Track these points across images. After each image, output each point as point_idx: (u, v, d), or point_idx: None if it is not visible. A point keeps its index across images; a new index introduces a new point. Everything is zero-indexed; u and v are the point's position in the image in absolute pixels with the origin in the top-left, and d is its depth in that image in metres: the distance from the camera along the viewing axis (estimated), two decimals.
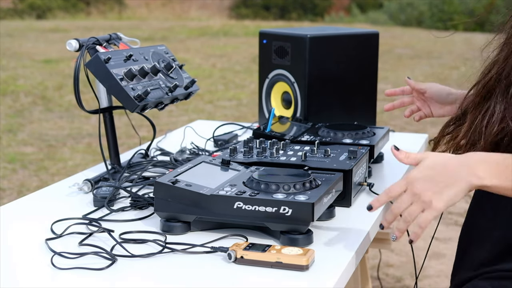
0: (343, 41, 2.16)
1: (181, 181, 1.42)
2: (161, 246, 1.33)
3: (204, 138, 2.21)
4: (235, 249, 1.27)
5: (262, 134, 1.89)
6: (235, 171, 1.53)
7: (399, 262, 3.46)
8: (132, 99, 1.68)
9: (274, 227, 1.35)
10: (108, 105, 1.85)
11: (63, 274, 1.22)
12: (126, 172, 1.79)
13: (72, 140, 6.09)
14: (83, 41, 1.82)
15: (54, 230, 1.42)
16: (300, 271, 1.23)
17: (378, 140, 1.81)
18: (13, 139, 6.09)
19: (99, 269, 1.24)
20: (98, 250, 1.31)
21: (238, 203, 1.35)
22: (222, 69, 9.52)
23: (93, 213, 1.54)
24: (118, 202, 1.62)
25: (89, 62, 1.73)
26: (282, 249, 1.26)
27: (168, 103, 1.83)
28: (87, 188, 1.69)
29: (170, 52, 1.98)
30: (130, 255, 1.29)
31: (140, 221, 1.49)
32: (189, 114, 6.92)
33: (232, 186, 1.41)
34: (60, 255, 1.29)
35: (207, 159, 1.60)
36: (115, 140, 1.87)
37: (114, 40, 1.92)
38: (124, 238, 1.38)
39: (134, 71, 1.74)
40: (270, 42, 2.22)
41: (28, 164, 5.39)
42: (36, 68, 9.36)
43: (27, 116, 6.93)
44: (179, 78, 1.89)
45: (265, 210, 1.33)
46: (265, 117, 2.26)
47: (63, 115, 7.00)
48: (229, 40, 12.30)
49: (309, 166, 1.56)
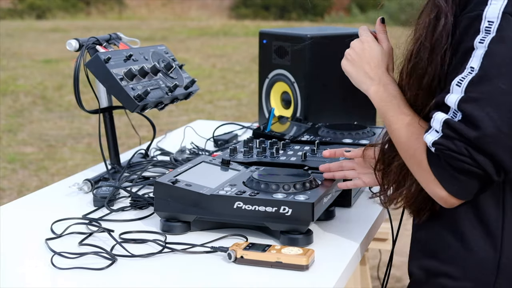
0: (343, 41, 2.16)
1: (181, 181, 1.42)
2: (161, 246, 1.33)
3: (204, 138, 2.20)
4: (235, 249, 1.27)
5: (262, 134, 1.89)
6: (235, 171, 1.53)
7: (399, 262, 3.46)
8: (132, 99, 1.68)
9: (274, 227, 1.35)
10: (108, 105, 1.85)
11: (63, 274, 1.22)
12: (126, 172, 1.79)
13: (72, 140, 6.09)
14: (83, 41, 1.81)
15: (54, 230, 1.42)
16: (300, 271, 1.23)
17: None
18: (13, 139, 6.09)
19: (99, 269, 1.24)
20: (98, 250, 1.31)
21: (238, 203, 1.35)
22: (222, 69, 9.51)
23: (93, 213, 1.54)
24: (118, 202, 1.62)
25: (89, 62, 1.73)
26: (282, 249, 1.26)
27: (168, 103, 1.83)
28: (87, 188, 1.69)
29: (170, 52, 1.98)
30: (130, 255, 1.29)
31: (140, 221, 1.49)
32: (189, 114, 6.92)
33: (232, 186, 1.41)
34: (60, 255, 1.29)
35: (207, 159, 1.60)
36: (115, 140, 1.87)
37: (114, 40, 1.92)
38: (124, 238, 1.38)
39: (134, 71, 1.74)
40: (270, 42, 2.22)
41: (28, 164, 5.40)
42: (36, 68, 9.36)
43: (27, 116, 6.93)
44: (179, 78, 1.89)
45: (265, 210, 1.33)
46: (265, 117, 2.26)
47: (63, 115, 7.00)
48: (229, 40, 12.29)
49: (309, 166, 1.56)
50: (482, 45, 1.09)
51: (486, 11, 1.10)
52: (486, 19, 1.10)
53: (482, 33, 1.10)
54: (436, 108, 1.14)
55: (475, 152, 1.07)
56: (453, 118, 1.10)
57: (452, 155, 1.09)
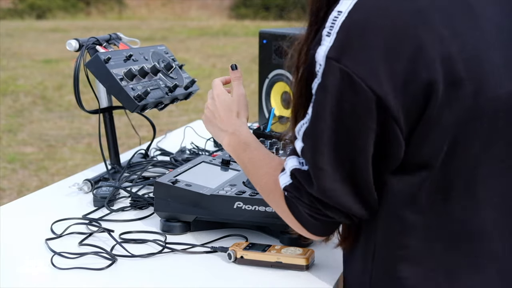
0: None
1: (181, 181, 1.42)
2: (161, 246, 1.33)
3: (204, 138, 2.20)
4: (235, 249, 1.27)
5: (262, 134, 1.89)
6: (235, 171, 1.53)
7: None
8: (132, 99, 1.68)
9: (274, 227, 1.35)
10: (108, 105, 1.85)
11: (63, 274, 1.23)
12: (126, 172, 1.79)
13: (72, 140, 6.09)
14: (83, 41, 1.81)
15: (54, 230, 1.42)
16: (300, 271, 1.23)
17: None
18: (13, 139, 6.09)
19: (99, 269, 1.24)
20: (98, 250, 1.31)
21: (238, 203, 1.35)
22: (222, 69, 9.51)
23: (93, 213, 1.54)
24: (118, 202, 1.62)
25: (89, 62, 1.73)
26: (282, 249, 1.26)
27: (168, 103, 1.83)
28: (87, 188, 1.69)
29: (170, 52, 1.98)
30: (130, 255, 1.29)
31: (140, 221, 1.49)
32: (189, 114, 6.92)
33: (232, 186, 1.41)
34: (60, 255, 1.29)
35: (207, 159, 1.60)
36: (115, 140, 1.87)
37: (114, 40, 1.92)
38: (124, 238, 1.38)
39: (134, 71, 1.74)
40: (270, 42, 2.22)
41: (28, 164, 5.40)
42: (36, 68, 9.36)
43: (27, 116, 6.93)
44: (179, 78, 1.89)
45: (265, 210, 1.33)
46: (265, 117, 2.26)
47: (63, 115, 7.00)
48: (229, 40, 12.29)
49: None
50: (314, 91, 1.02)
51: (317, 52, 1.00)
52: (318, 61, 1.00)
53: (317, 77, 1.01)
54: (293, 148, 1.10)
55: (320, 205, 1.04)
56: (301, 167, 1.06)
57: (303, 205, 1.07)
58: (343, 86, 0.97)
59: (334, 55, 0.97)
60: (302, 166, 1.06)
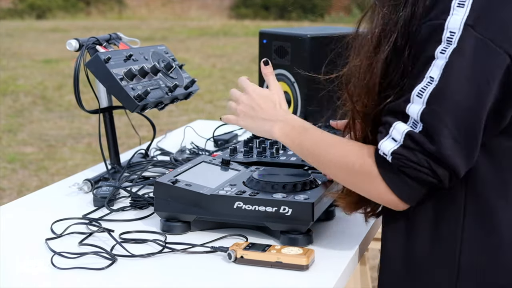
0: (343, 41, 2.16)
1: (181, 181, 1.42)
2: (161, 246, 1.33)
3: (204, 138, 2.20)
4: (235, 249, 1.27)
5: None
6: (235, 171, 1.53)
7: None
8: (132, 99, 1.68)
9: (274, 227, 1.35)
10: (108, 105, 1.85)
11: (63, 274, 1.22)
12: (126, 172, 1.79)
13: (72, 140, 6.09)
14: (83, 41, 1.81)
15: (54, 230, 1.42)
16: (300, 271, 1.23)
17: None
18: (13, 139, 6.09)
19: (99, 269, 1.24)
20: (98, 250, 1.31)
21: (238, 203, 1.35)
22: (222, 69, 9.51)
23: (93, 213, 1.54)
24: (118, 202, 1.62)
25: (89, 62, 1.73)
26: (282, 249, 1.26)
27: (168, 103, 1.83)
28: (87, 188, 1.69)
29: (170, 52, 1.98)
30: (130, 255, 1.29)
31: (140, 221, 1.49)
32: (189, 114, 6.92)
33: (232, 186, 1.41)
34: (60, 255, 1.29)
35: (207, 159, 1.60)
36: (115, 140, 1.87)
37: (114, 40, 1.92)
38: (124, 238, 1.38)
39: (134, 71, 1.74)
40: (270, 42, 2.22)
41: (28, 164, 5.40)
42: (36, 68, 9.36)
43: (27, 116, 6.93)
44: (179, 78, 1.89)
45: (265, 210, 1.33)
46: None
47: (63, 115, 7.00)
48: (229, 40, 12.29)
49: (309, 166, 1.56)
50: (443, 56, 1.08)
51: (448, 21, 1.09)
52: (448, 29, 1.09)
53: (443, 43, 1.09)
54: (391, 114, 1.14)
55: (435, 164, 1.08)
56: (413, 129, 1.10)
57: (412, 166, 1.10)
58: (479, 50, 1.07)
59: (472, 22, 1.07)
60: (415, 128, 1.10)
